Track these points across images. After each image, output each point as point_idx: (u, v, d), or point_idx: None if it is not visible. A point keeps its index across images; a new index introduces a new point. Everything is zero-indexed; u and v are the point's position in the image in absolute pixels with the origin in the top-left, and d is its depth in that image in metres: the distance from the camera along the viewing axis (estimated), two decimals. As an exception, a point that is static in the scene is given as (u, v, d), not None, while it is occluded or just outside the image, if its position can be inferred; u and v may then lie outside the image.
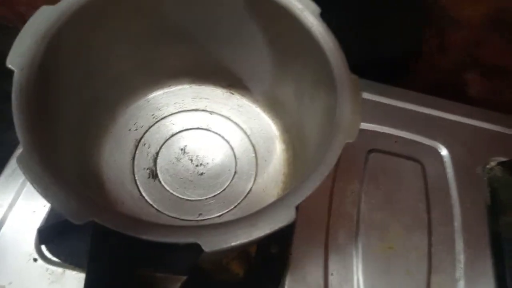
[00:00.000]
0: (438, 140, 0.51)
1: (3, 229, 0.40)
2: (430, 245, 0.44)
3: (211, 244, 0.23)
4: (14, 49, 0.29)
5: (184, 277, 0.24)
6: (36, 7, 0.30)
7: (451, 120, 0.53)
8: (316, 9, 0.33)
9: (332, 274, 0.41)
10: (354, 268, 0.42)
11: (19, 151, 0.25)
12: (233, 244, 0.23)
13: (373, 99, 0.53)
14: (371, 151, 0.50)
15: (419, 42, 0.58)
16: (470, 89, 0.60)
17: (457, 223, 0.46)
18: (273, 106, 0.45)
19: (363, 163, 0.49)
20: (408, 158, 0.50)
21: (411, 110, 0.53)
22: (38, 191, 0.23)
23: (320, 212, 0.44)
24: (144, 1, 0.35)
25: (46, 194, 0.23)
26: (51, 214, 0.41)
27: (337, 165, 0.48)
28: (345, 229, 0.44)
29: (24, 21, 0.29)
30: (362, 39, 0.52)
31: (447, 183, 0.49)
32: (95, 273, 0.23)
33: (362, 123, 0.51)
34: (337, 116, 0.29)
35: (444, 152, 0.51)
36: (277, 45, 0.38)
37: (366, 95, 0.53)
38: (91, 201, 0.24)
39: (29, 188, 0.42)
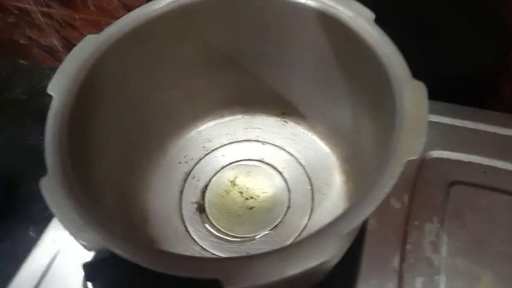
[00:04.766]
0: (541, 170, 0.42)
1: (55, 263, 0.40)
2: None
3: (234, 280, 0.19)
4: (56, 76, 0.29)
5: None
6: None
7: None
8: (370, 14, 0.29)
9: (407, 333, 0.34)
10: (437, 328, 0.34)
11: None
12: (261, 282, 0.18)
13: (454, 123, 0.45)
14: (453, 183, 0.42)
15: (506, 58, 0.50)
16: None
17: None
18: (331, 133, 0.40)
19: (443, 198, 0.41)
20: (502, 191, 0.41)
21: (502, 135, 0.45)
22: (54, 214, 0.22)
23: (390, 255, 0.37)
24: (188, 27, 0.34)
25: (61, 219, 0.21)
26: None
27: (411, 200, 0.42)
28: (423, 277, 0.36)
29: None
30: (429, 53, 0.46)
31: (559, 223, 0.39)
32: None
33: (441, 151, 0.45)
34: (397, 129, 0.24)
35: (550, 184, 0.41)
36: (330, 63, 0.34)
37: (444, 119, 0.46)
38: (109, 229, 0.22)
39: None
